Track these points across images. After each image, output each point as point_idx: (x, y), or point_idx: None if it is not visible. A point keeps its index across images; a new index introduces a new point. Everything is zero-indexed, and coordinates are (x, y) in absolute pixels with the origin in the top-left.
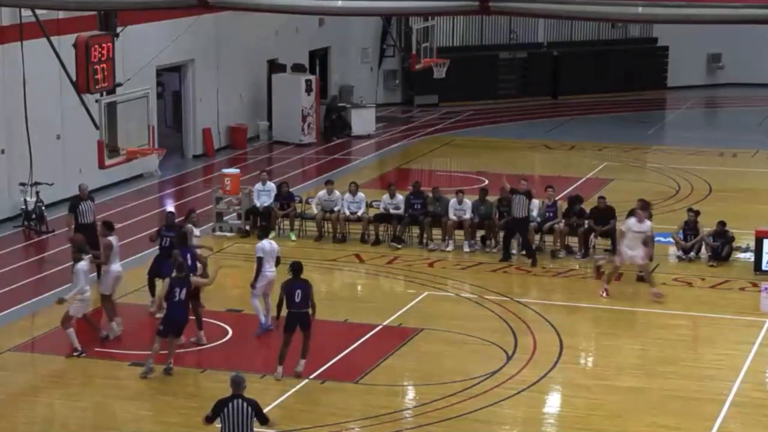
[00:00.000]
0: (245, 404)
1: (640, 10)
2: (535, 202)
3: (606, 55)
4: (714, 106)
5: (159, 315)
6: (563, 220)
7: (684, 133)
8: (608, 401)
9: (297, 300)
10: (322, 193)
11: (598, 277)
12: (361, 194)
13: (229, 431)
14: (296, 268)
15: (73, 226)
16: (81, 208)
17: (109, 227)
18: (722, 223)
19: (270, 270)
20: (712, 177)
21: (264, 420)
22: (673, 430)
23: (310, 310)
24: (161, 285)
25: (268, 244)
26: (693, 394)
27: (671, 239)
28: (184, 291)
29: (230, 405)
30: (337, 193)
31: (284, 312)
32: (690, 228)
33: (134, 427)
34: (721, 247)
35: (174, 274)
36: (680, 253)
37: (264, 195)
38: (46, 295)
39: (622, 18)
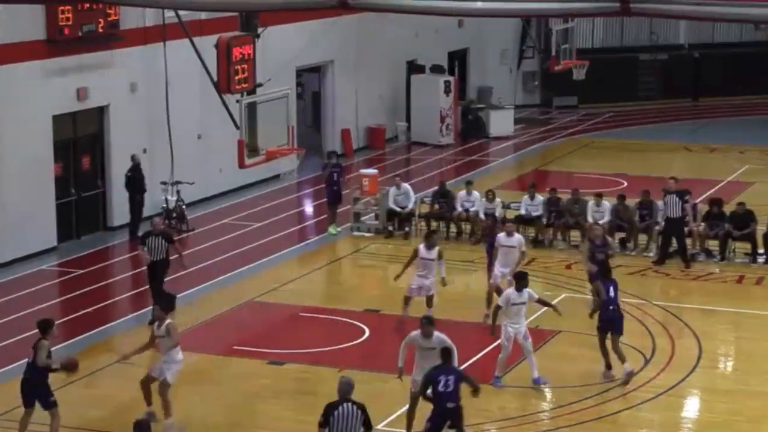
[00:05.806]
0: (354, 407)
1: None
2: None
3: (747, 57)
4: None
5: None
6: (702, 223)
7: None
8: (748, 406)
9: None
10: (462, 193)
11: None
12: (498, 200)
13: None
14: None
15: None
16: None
17: None
18: None
19: None
20: None
21: (369, 426)
22: None
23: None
24: None
25: None
26: None
27: None
28: None
29: (339, 409)
30: (476, 193)
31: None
32: None
33: (273, 425)
34: None
35: None
36: None
37: (401, 198)
38: (187, 292)
39: (764, 20)
